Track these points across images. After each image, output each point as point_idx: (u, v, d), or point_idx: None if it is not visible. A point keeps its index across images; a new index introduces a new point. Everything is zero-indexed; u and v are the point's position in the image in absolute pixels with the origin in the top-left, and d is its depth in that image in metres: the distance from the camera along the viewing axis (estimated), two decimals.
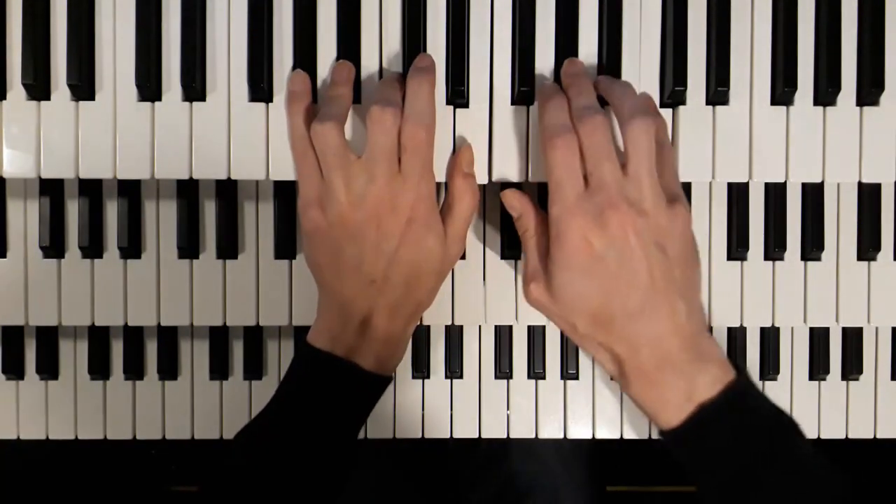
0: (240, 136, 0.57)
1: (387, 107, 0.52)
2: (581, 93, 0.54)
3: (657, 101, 0.57)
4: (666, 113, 0.57)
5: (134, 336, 0.62)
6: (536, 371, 0.62)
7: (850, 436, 0.62)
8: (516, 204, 0.56)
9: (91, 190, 0.60)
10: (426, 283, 0.55)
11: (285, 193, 0.61)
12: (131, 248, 0.60)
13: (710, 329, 0.61)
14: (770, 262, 0.61)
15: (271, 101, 0.57)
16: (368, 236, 0.53)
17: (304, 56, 0.57)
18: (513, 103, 0.57)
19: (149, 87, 0.56)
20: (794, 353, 0.63)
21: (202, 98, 0.57)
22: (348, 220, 0.53)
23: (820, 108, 0.58)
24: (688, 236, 0.52)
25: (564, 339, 0.63)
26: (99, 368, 0.62)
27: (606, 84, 0.55)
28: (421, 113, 0.53)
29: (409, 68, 0.57)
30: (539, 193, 0.59)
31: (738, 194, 0.61)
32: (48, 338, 0.62)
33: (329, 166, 0.53)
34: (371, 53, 0.57)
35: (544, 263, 0.53)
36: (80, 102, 0.57)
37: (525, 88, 0.57)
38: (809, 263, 0.61)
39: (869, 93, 0.57)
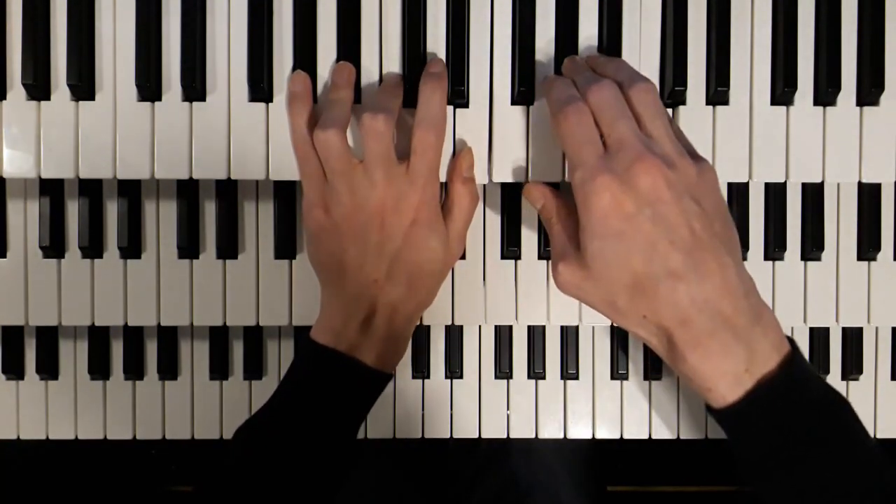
0: (240, 136, 0.57)
1: (378, 114, 0.52)
2: (583, 72, 0.54)
3: None
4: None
5: (134, 336, 0.62)
6: (536, 371, 0.62)
7: None
8: (537, 194, 0.55)
9: (91, 190, 0.60)
10: (427, 282, 0.56)
11: (285, 193, 0.61)
12: (131, 248, 0.60)
13: None
14: (770, 262, 0.61)
15: (271, 101, 0.57)
16: (371, 237, 0.53)
17: (304, 56, 0.57)
18: (513, 103, 0.57)
19: (149, 87, 0.56)
20: None
21: (202, 98, 0.57)
22: (352, 221, 0.53)
23: (820, 108, 0.58)
24: (719, 194, 0.49)
25: (564, 339, 0.63)
26: (99, 368, 0.62)
27: (601, 64, 0.55)
28: (432, 118, 0.54)
29: (408, 69, 0.57)
30: None
31: (738, 194, 0.61)
32: (48, 338, 0.62)
33: (332, 171, 0.53)
34: (371, 53, 0.57)
35: (573, 241, 0.51)
36: (80, 102, 0.57)
37: (525, 88, 0.57)
38: (809, 263, 0.61)
39: (869, 93, 0.57)
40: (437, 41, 0.57)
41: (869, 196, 0.61)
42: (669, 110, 0.57)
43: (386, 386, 0.57)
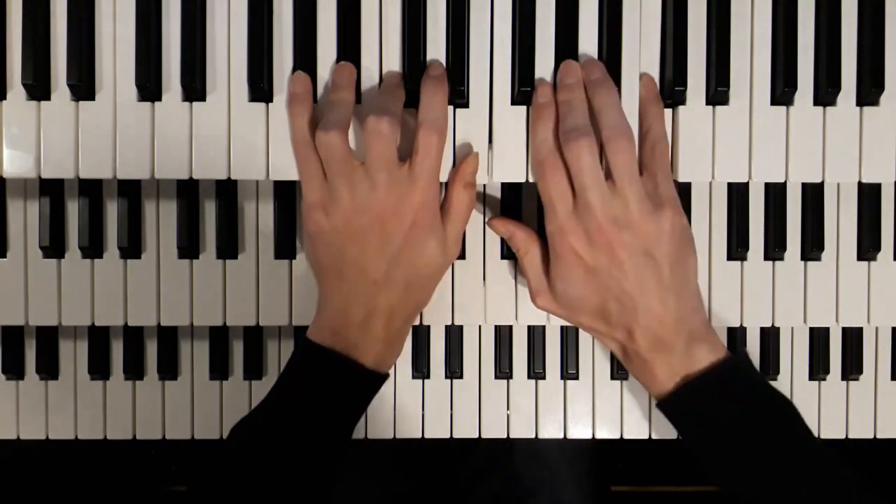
0: (240, 136, 0.57)
1: (382, 116, 0.52)
2: (571, 110, 0.55)
3: None
4: (667, 112, 0.57)
5: (134, 336, 0.62)
6: (536, 371, 0.62)
7: (850, 436, 0.62)
8: (503, 230, 0.59)
9: (91, 190, 0.60)
10: (425, 284, 0.57)
11: (285, 193, 0.61)
12: (131, 248, 0.60)
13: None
14: (770, 262, 0.61)
15: (271, 101, 0.57)
16: (371, 239, 0.54)
17: (304, 56, 0.57)
18: (513, 103, 0.57)
19: (149, 87, 0.56)
20: (794, 353, 0.63)
21: (202, 98, 0.57)
22: (352, 223, 0.54)
23: (820, 108, 0.58)
24: (676, 235, 0.55)
25: (564, 339, 0.63)
26: (99, 368, 0.62)
27: (594, 87, 0.56)
28: (435, 119, 0.54)
29: (408, 69, 0.57)
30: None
31: (738, 194, 0.61)
32: (48, 338, 0.62)
33: (333, 173, 0.54)
34: (371, 54, 0.57)
35: (544, 275, 0.57)
36: (80, 102, 0.57)
37: (525, 88, 0.57)
38: (809, 263, 0.61)
39: (869, 93, 0.57)
40: (437, 41, 0.57)
41: (869, 196, 0.61)
42: (669, 111, 0.57)
43: (382, 386, 0.57)
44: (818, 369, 0.62)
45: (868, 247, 0.60)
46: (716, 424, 0.55)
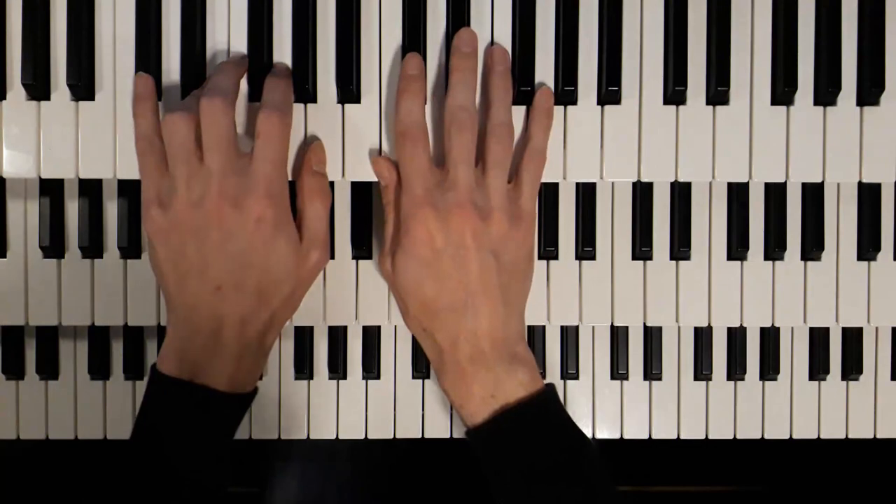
0: (240, 135, 0.57)
1: (214, 97, 0.51)
2: (464, 85, 0.54)
3: (659, 101, 0.58)
4: (667, 112, 0.57)
5: (134, 336, 0.62)
6: None
7: (850, 436, 0.62)
8: (385, 174, 0.56)
9: (91, 190, 0.60)
10: (281, 290, 0.53)
11: None
12: (131, 248, 0.60)
13: (710, 329, 0.62)
14: (770, 262, 0.61)
15: None
16: (210, 235, 0.50)
17: (303, 56, 0.57)
18: (513, 103, 0.57)
19: None
20: (794, 353, 0.63)
21: None
22: (189, 217, 0.51)
23: (820, 108, 0.58)
24: (524, 252, 0.55)
25: (564, 339, 0.63)
26: (99, 368, 0.62)
27: (494, 77, 0.56)
28: (274, 101, 0.53)
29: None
30: (541, 195, 0.59)
31: (738, 194, 0.61)
32: (48, 338, 0.62)
33: (171, 160, 0.52)
34: (370, 54, 0.57)
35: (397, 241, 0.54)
36: (80, 102, 0.57)
37: (525, 88, 0.57)
38: (809, 263, 0.61)
39: (869, 93, 0.57)
40: (436, 41, 0.57)
41: (869, 196, 0.61)
42: (672, 107, 0.57)
43: (249, 405, 0.54)
44: (818, 369, 0.62)
45: (868, 247, 0.60)
46: (521, 457, 0.52)
